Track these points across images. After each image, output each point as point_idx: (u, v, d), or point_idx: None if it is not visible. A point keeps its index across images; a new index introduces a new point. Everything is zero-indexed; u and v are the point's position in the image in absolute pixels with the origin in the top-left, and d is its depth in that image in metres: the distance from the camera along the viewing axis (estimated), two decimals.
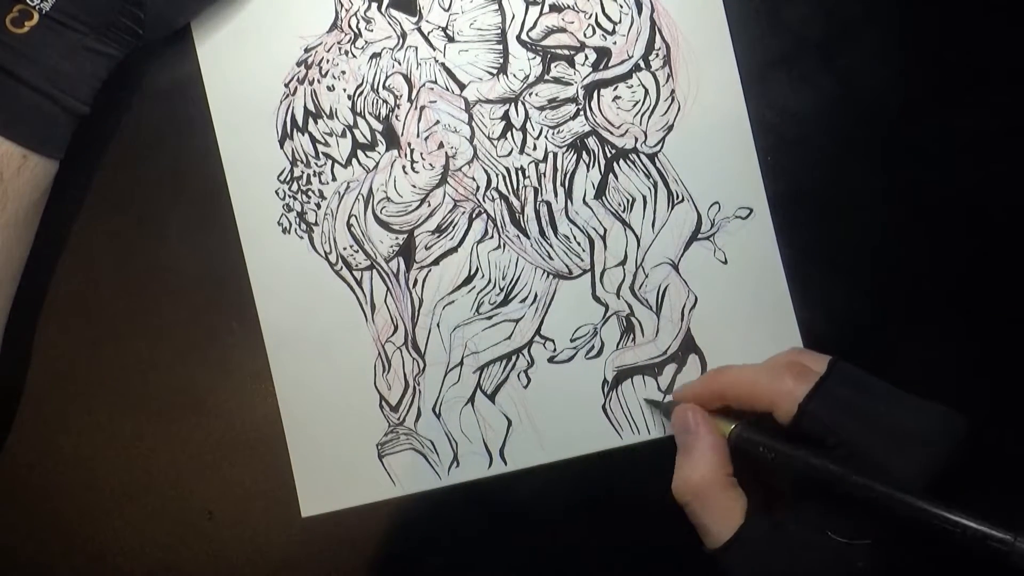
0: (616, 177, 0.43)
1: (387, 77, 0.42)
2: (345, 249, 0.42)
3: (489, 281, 0.42)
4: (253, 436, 0.42)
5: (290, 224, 0.42)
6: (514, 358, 0.42)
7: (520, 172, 0.42)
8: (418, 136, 0.42)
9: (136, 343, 0.42)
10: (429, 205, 0.42)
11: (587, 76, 0.42)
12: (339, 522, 0.42)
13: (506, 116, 0.42)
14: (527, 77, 0.42)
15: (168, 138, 0.42)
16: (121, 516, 0.42)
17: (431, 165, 0.42)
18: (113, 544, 0.42)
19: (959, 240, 0.43)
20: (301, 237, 0.42)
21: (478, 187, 0.42)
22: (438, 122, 0.42)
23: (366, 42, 0.42)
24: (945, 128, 0.43)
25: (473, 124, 0.42)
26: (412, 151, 0.42)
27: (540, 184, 0.42)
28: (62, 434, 0.42)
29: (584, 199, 0.42)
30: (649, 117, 0.42)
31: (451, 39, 0.42)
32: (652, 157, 0.43)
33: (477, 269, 0.42)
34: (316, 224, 0.42)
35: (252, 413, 0.42)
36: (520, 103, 0.42)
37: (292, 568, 0.42)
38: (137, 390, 0.42)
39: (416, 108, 0.42)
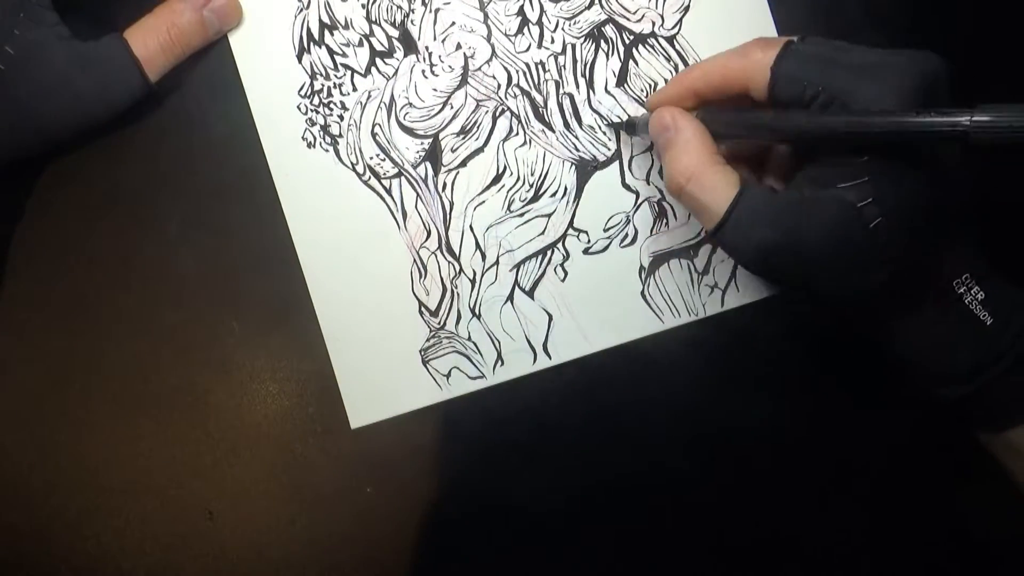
0: (636, 63, 0.42)
1: None
2: (372, 158, 0.42)
3: (518, 178, 0.42)
4: (253, 435, 0.42)
5: (315, 138, 0.42)
6: (549, 253, 0.42)
7: (540, 67, 0.42)
8: (435, 39, 0.42)
9: (136, 343, 0.42)
10: (452, 107, 0.42)
11: None
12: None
13: (521, 11, 0.42)
14: None
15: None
16: (121, 516, 0.42)
17: (450, 67, 0.42)
18: (113, 544, 0.42)
19: None
20: (327, 150, 0.42)
21: (499, 85, 0.42)
22: (454, 23, 0.42)
23: None
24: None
25: (489, 22, 0.42)
26: (430, 55, 0.42)
27: (561, 77, 0.42)
28: (62, 434, 0.42)
29: (606, 88, 0.42)
30: (664, 0, 0.42)
31: None
32: (671, 40, 0.42)
33: (505, 167, 0.42)
34: (341, 136, 0.42)
35: (252, 413, 0.42)
36: None
37: (292, 568, 0.42)
38: (137, 390, 0.42)
39: (431, 11, 0.42)
